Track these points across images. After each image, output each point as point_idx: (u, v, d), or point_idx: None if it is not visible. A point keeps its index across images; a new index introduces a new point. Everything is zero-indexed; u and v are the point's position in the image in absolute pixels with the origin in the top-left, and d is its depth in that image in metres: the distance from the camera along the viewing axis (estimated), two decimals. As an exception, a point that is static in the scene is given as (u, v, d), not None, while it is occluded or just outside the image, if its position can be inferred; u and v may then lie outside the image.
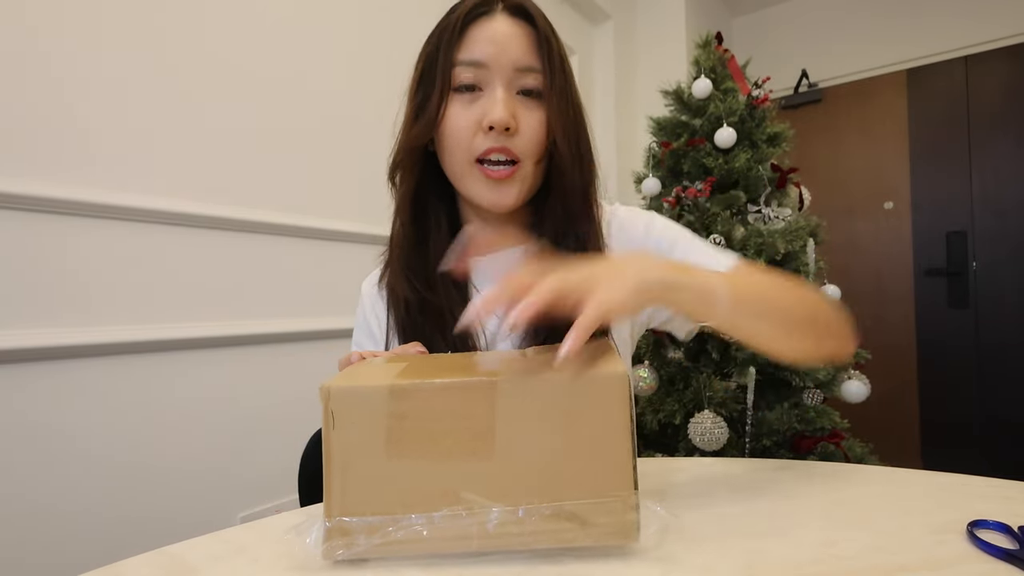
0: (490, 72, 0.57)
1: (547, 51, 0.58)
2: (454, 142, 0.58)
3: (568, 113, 0.59)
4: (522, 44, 0.58)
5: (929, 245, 2.62)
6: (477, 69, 0.57)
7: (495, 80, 0.57)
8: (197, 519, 1.10)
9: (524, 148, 0.58)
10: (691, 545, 0.40)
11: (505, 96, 0.57)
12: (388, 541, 0.36)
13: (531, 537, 0.37)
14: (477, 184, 0.59)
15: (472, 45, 0.57)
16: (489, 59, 0.57)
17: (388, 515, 0.36)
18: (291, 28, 1.32)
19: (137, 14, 1.05)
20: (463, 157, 0.58)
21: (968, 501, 0.45)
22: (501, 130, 0.56)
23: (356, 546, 0.37)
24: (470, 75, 0.57)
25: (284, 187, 1.29)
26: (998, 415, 2.45)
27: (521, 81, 0.58)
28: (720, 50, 1.77)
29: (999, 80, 2.50)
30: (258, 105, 1.25)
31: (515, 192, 0.59)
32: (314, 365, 1.32)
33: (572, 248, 0.61)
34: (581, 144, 0.61)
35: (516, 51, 0.57)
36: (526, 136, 0.58)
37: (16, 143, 0.90)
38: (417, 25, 0.64)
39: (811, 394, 1.54)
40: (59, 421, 0.93)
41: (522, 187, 0.60)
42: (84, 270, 0.97)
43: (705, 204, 1.64)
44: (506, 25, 0.58)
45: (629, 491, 0.37)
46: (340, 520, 0.37)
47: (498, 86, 0.57)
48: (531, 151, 0.58)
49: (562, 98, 0.59)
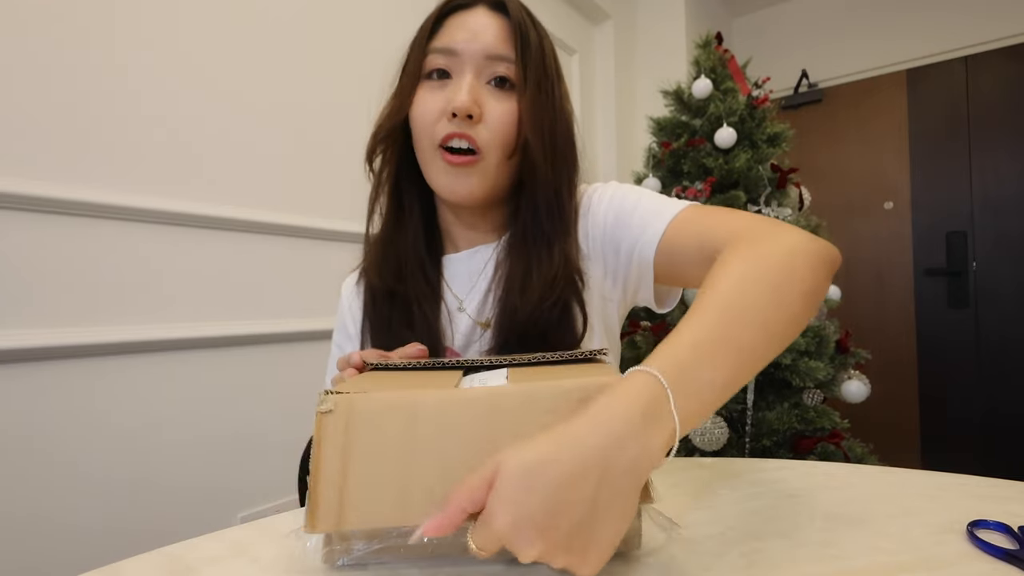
0: (461, 60, 0.57)
1: (521, 42, 0.57)
2: (420, 127, 0.58)
3: (542, 107, 0.58)
4: (496, 33, 0.57)
5: (929, 245, 2.62)
6: (448, 56, 0.57)
7: (465, 67, 0.56)
8: (197, 519, 1.10)
9: (488, 139, 0.56)
10: (691, 545, 0.40)
11: (472, 82, 0.56)
12: (388, 546, 0.36)
13: None
14: (438, 171, 0.58)
15: (446, 33, 0.58)
16: (460, 46, 0.56)
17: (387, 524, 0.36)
18: (291, 27, 1.32)
19: (137, 14, 1.05)
20: (428, 143, 0.57)
21: (968, 501, 0.45)
22: (464, 116, 0.55)
23: (355, 552, 0.37)
24: (441, 61, 0.57)
25: (284, 187, 1.29)
26: (998, 415, 2.45)
27: (492, 69, 0.57)
28: (720, 50, 1.77)
29: (999, 80, 2.50)
30: (259, 106, 1.25)
31: (474, 183, 0.57)
32: (314, 365, 1.32)
33: (541, 247, 0.59)
34: (557, 140, 0.59)
35: (488, 39, 0.57)
36: (491, 126, 0.56)
37: (16, 143, 0.90)
38: (416, 23, 0.64)
39: (811, 394, 1.54)
40: (59, 421, 0.93)
41: (483, 180, 0.57)
42: (84, 270, 0.97)
43: (705, 204, 1.64)
44: (484, 16, 0.58)
45: None
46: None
47: (467, 73, 0.56)
48: (496, 142, 0.56)
49: (538, 91, 0.57)
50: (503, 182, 0.60)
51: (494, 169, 0.57)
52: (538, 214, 0.59)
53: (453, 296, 0.64)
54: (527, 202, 0.60)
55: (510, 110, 0.57)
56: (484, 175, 0.57)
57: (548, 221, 0.59)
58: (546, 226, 0.59)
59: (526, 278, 0.57)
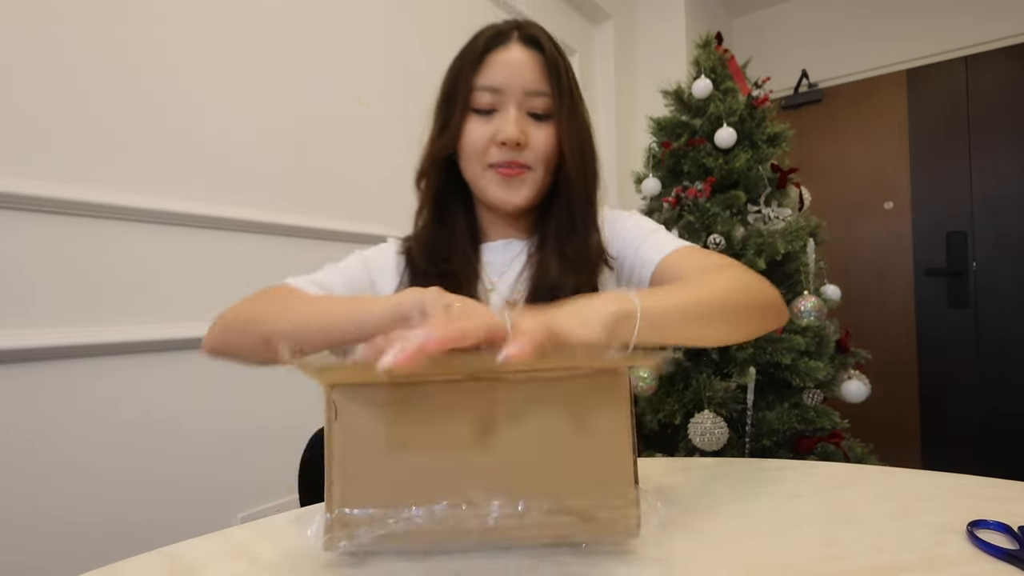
0: (504, 96, 0.66)
1: (556, 76, 0.66)
2: (471, 152, 0.67)
3: (575, 130, 0.68)
4: (533, 70, 0.66)
5: (929, 245, 2.62)
6: (493, 93, 0.66)
7: (508, 103, 0.65)
8: (197, 519, 1.10)
9: (534, 159, 0.67)
10: (691, 545, 0.40)
11: (516, 116, 0.65)
12: (389, 533, 0.36)
13: (532, 531, 0.37)
14: (491, 185, 0.67)
15: (489, 71, 0.66)
16: (503, 84, 0.65)
17: (389, 507, 0.36)
18: (292, 27, 1.32)
19: (137, 15, 1.05)
20: (479, 167, 0.67)
21: (968, 501, 0.45)
22: (512, 145, 0.64)
23: (357, 537, 0.37)
24: (488, 98, 0.66)
25: (285, 187, 1.29)
26: (998, 415, 2.45)
27: (531, 103, 0.66)
28: (720, 50, 1.77)
29: (999, 80, 2.49)
30: (259, 105, 1.25)
31: (525, 192, 0.67)
32: (314, 365, 1.32)
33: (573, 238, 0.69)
34: (586, 156, 0.69)
35: (527, 76, 0.65)
36: (535, 149, 0.66)
37: (16, 143, 0.90)
38: (415, 23, 0.64)
39: (811, 394, 1.54)
40: (59, 421, 0.93)
41: (531, 189, 0.68)
42: (84, 270, 0.97)
43: (705, 204, 1.64)
44: (520, 53, 0.66)
45: (629, 486, 0.37)
46: (341, 512, 0.36)
47: (511, 107, 0.65)
48: (540, 160, 0.67)
49: (570, 117, 0.67)
50: (544, 191, 0.70)
51: (540, 181, 0.68)
52: (572, 215, 0.70)
53: (486, 278, 0.74)
54: (562, 206, 0.70)
55: (549, 134, 0.67)
56: (533, 185, 0.68)
57: (580, 219, 0.70)
58: (579, 224, 0.70)
59: (561, 261, 0.67)
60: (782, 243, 1.55)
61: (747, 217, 1.67)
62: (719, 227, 1.60)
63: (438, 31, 1.67)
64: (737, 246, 1.59)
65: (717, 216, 1.61)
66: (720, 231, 1.59)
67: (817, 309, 1.53)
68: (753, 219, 1.67)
